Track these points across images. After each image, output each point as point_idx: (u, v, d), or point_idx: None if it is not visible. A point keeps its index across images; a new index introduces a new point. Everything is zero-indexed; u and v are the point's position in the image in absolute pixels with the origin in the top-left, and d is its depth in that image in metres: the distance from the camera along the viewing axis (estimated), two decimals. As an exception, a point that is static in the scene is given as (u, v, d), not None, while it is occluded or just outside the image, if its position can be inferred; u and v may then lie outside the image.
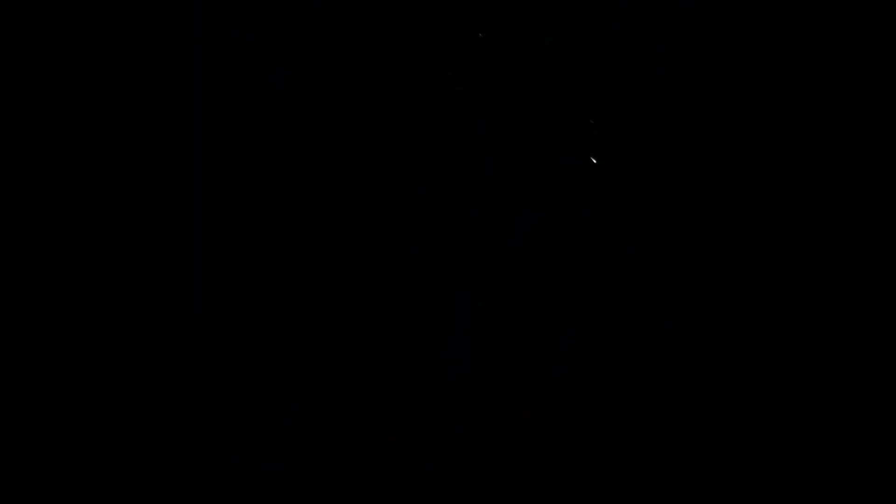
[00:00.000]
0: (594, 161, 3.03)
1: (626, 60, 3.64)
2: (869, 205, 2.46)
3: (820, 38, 2.52)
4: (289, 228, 3.55)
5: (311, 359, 3.45)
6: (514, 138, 3.64)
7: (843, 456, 2.41)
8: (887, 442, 2.39)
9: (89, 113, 2.48)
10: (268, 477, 3.33)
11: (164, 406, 2.46)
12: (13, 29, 2.44)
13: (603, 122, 3.61)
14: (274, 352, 3.45)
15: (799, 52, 2.53)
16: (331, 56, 3.65)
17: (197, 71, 2.59)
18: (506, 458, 3.36)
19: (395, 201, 3.59)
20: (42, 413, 2.39)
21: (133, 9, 2.50)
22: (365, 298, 3.50)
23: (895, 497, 2.38)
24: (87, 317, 2.43)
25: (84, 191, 2.46)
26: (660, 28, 3.62)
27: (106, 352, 2.44)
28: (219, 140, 3.57)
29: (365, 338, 3.47)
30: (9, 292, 2.40)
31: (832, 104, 2.50)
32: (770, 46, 2.54)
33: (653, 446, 3.34)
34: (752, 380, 2.48)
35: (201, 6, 3.42)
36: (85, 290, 2.44)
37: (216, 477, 3.28)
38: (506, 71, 3.66)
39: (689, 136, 3.51)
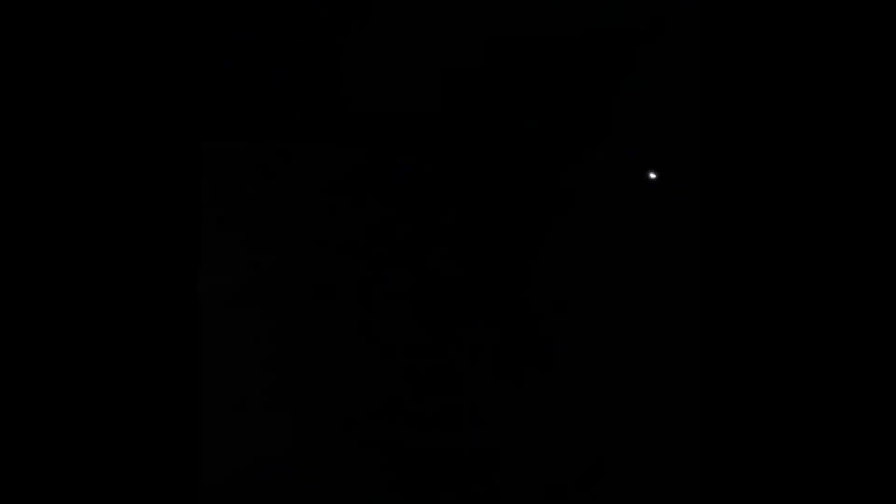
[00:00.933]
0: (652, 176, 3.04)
1: (626, 60, 3.64)
2: (869, 205, 2.46)
3: (819, 38, 2.52)
4: (289, 229, 3.55)
5: (312, 359, 3.46)
6: (513, 139, 3.64)
7: (843, 455, 2.41)
8: (887, 442, 2.39)
9: (89, 114, 2.48)
10: (267, 478, 3.34)
11: (163, 406, 2.47)
12: (13, 29, 2.44)
13: (604, 123, 3.62)
14: (274, 352, 3.46)
15: (798, 52, 2.53)
16: (330, 56, 3.66)
17: (197, 70, 2.59)
18: (505, 458, 3.37)
19: (394, 201, 3.59)
20: (42, 412, 2.40)
21: (133, 9, 2.50)
22: (365, 299, 3.51)
23: (895, 497, 2.38)
24: (88, 317, 2.43)
25: (84, 192, 2.46)
26: (660, 27, 3.62)
27: (106, 352, 2.44)
28: (219, 140, 3.57)
29: (366, 338, 3.47)
30: (11, 293, 2.40)
31: (832, 104, 2.51)
32: (770, 46, 2.55)
33: (653, 446, 3.35)
34: (752, 380, 2.48)
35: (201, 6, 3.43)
36: (86, 291, 2.44)
37: (216, 477, 3.29)
38: (504, 71, 3.67)
39: (689, 136, 3.51)
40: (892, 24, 2.48)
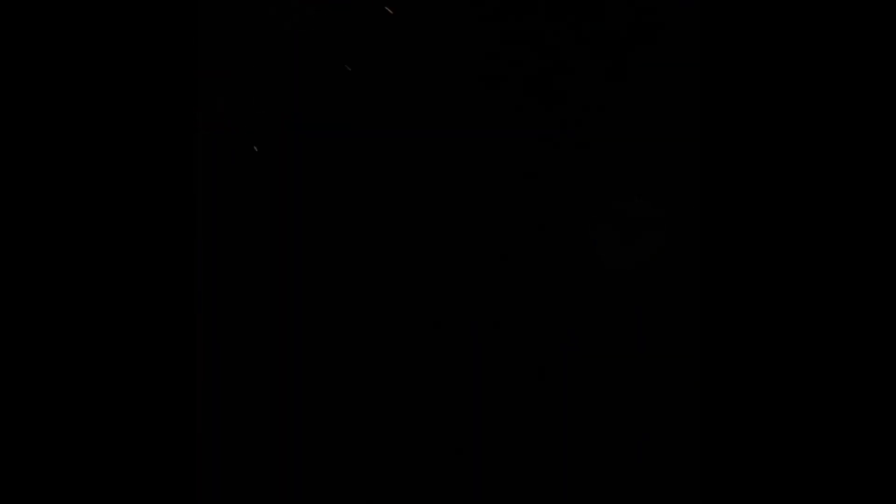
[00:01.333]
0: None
1: (626, 61, 3.64)
2: (868, 205, 2.46)
3: (819, 38, 2.52)
4: (291, 228, 3.55)
5: (315, 360, 3.45)
6: (513, 138, 3.64)
7: (843, 455, 2.41)
8: (886, 441, 2.39)
9: (89, 113, 2.48)
10: (269, 479, 3.33)
11: (164, 406, 2.46)
12: (13, 23, 2.44)
13: (604, 125, 3.61)
14: (276, 353, 3.45)
15: (798, 52, 2.53)
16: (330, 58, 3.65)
17: (197, 69, 2.59)
18: (505, 458, 3.37)
19: (396, 201, 3.59)
20: (42, 413, 2.40)
21: (133, 9, 2.50)
22: (368, 298, 3.50)
23: (895, 497, 2.38)
24: (89, 317, 2.43)
25: (83, 191, 2.46)
26: (660, 27, 3.62)
27: (106, 352, 2.44)
28: (219, 139, 3.57)
29: (369, 339, 3.47)
30: (11, 293, 2.40)
31: (832, 104, 2.50)
32: (770, 46, 2.54)
33: (653, 446, 3.35)
34: (752, 380, 2.48)
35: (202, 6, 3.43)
36: (86, 291, 2.44)
37: (216, 478, 3.28)
38: (502, 74, 3.66)
39: (689, 136, 3.51)
40: (893, 24, 2.48)
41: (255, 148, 2.64)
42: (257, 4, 3.64)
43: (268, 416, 3.38)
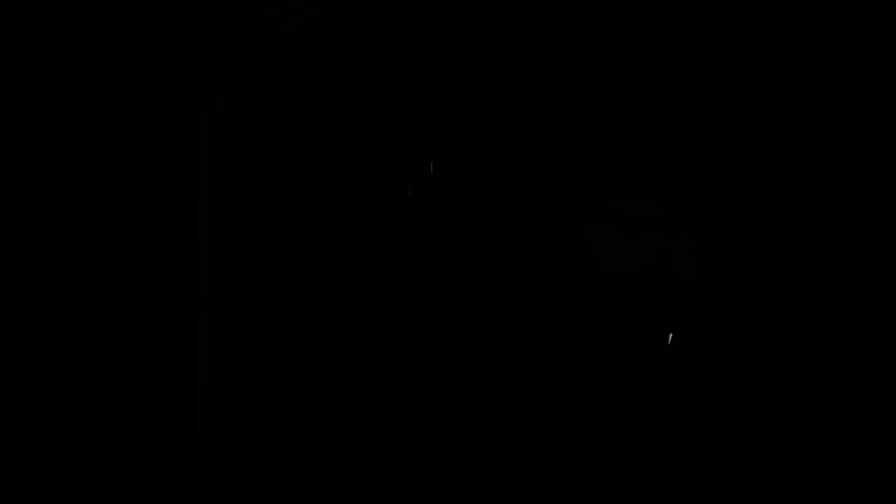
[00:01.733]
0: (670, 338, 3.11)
1: (626, 61, 3.64)
2: (868, 205, 2.46)
3: (820, 38, 2.52)
4: (291, 229, 3.55)
5: (315, 360, 3.45)
6: (513, 138, 3.64)
7: (843, 455, 2.41)
8: (887, 441, 2.39)
9: (88, 113, 2.48)
10: (269, 479, 3.33)
11: (164, 406, 2.46)
12: (12, 22, 2.44)
13: (602, 123, 3.61)
14: (276, 353, 3.45)
15: (799, 52, 2.53)
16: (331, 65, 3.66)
17: (197, 69, 2.59)
18: (505, 458, 3.37)
19: (396, 201, 3.59)
20: (42, 413, 2.40)
21: (133, 9, 2.50)
22: (368, 299, 3.50)
23: (895, 497, 2.38)
24: (88, 317, 2.43)
25: (83, 191, 2.46)
26: (660, 27, 3.62)
27: (106, 352, 2.44)
28: (219, 139, 3.57)
29: (369, 339, 3.47)
30: (11, 292, 2.40)
31: (832, 104, 2.51)
32: (770, 46, 2.55)
33: (653, 446, 3.35)
34: (752, 380, 2.48)
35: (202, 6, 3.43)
36: (86, 291, 2.44)
37: (216, 478, 3.28)
38: (502, 74, 3.66)
39: (689, 136, 3.51)
40: (893, 24, 2.48)
41: None
42: (257, 4, 3.64)
43: (268, 416, 3.38)
